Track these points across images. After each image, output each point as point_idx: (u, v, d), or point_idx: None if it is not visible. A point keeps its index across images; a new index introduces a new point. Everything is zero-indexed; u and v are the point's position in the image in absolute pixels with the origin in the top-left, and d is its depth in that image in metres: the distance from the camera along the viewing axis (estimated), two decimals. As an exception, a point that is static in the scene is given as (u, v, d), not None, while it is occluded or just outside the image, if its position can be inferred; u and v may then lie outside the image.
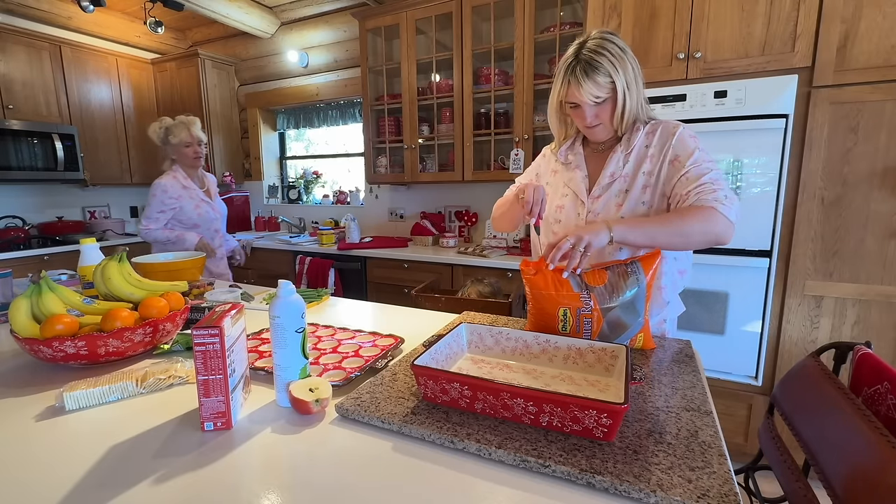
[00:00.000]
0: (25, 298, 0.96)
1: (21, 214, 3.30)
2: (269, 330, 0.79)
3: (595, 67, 0.99)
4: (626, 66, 1.01)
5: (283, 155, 4.20)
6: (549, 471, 0.59)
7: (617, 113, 1.04)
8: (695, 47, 1.78)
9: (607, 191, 1.11)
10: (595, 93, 1.01)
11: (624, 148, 1.10)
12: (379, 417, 0.71)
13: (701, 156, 1.04)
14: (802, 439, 0.84)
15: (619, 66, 1.00)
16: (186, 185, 2.22)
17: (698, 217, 0.95)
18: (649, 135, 1.10)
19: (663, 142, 1.07)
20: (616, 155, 1.11)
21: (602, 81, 1.00)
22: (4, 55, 2.98)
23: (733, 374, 1.90)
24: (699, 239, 0.96)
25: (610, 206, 1.10)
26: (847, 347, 0.93)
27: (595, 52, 0.99)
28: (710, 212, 0.95)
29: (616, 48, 1.00)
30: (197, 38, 4.14)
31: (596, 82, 1.00)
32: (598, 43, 1.00)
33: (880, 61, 1.56)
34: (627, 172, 1.09)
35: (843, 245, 1.68)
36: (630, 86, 1.02)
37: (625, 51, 1.02)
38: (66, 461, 0.64)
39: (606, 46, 1.00)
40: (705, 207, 0.96)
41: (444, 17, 2.67)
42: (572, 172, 1.17)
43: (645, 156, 1.08)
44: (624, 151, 1.10)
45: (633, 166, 1.09)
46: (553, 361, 0.88)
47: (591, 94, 1.01)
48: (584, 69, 1.00)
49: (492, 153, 2.68)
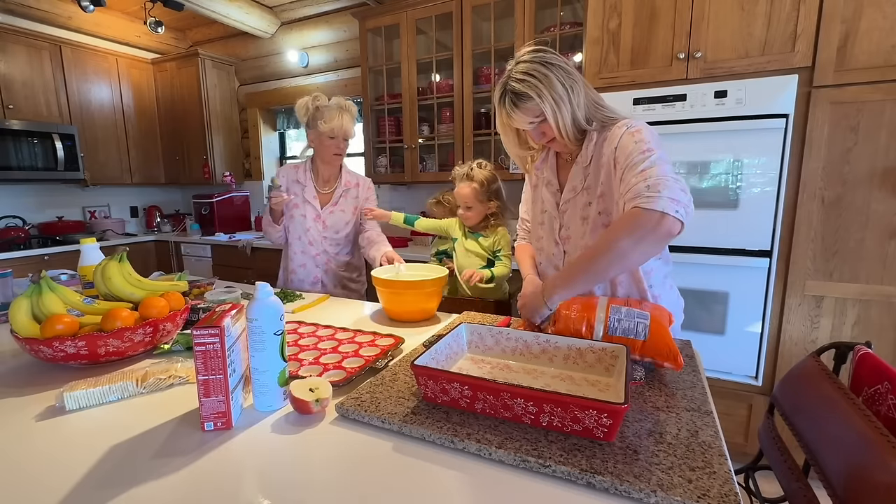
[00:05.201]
0: (26, 298, 0.96)
1: (21, 214, 3.30)
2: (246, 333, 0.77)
3: (520, 96, 0.99)
4: (552, 85, 0.97)
5: (283, 155, 4.20)
6: (550, 471, 0.59)
7: (555, 130, 1.02)
8: (695, 47, 1.77)
9: (572, 205, 1.11)
10: (527, 119, 1.02)
11: (582, 160, 1.07)
12: (379, 417, 0.71)
13: (635, 148, 0.93)
14: (802, 439, 0.84)
15: (545, 89, 0.97)
16: (300, 178, 1.81)
17: (619, 230, 0.87)
18: (607, 142, 1.03)
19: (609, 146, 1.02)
20: (575, 168, 1.09)
21: (530, 106, 0.99)
22: (4, 55, 2.98)
23: (733, 374, 1.89)
24: (640, 249, 0.87)
25: (576, 219, 1.11)
26: (847, 347, 0.93)
27: (519, 80, 0.98)
28: (631, 217, 0.86)
29: (540, 70, 0.97)
30: (197, 38, 4.14)
31: (525, 109, 1.00)
32: (523, 69, 0.99)
33: (880, 61, 1.56)
34: (590, 185, 1.07)
35: (844, 245, 1.68)
36: (560, 103, 0.98)
37: (549, 66, 0.97)
38: (66, 461, 0.64)
39: (530, 71, 0.98)
40: (625, 214, 0.88)
41: (444, 16, 2.66)
42: (545, 187, 1.18)
43: (605, 166, 1.03)
44: (582, 164, 1.08)
45: (593, 178, 1.07)
46: (553, 361, 0.88)
47: (525, 121, 1.03)
48: (512, 100, 1.00)
49: (492, 153, 2.68)
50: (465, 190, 1.74)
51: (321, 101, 1.72)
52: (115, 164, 3.67)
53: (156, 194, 4.29)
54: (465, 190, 1.74)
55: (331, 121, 1.68)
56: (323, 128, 1.68)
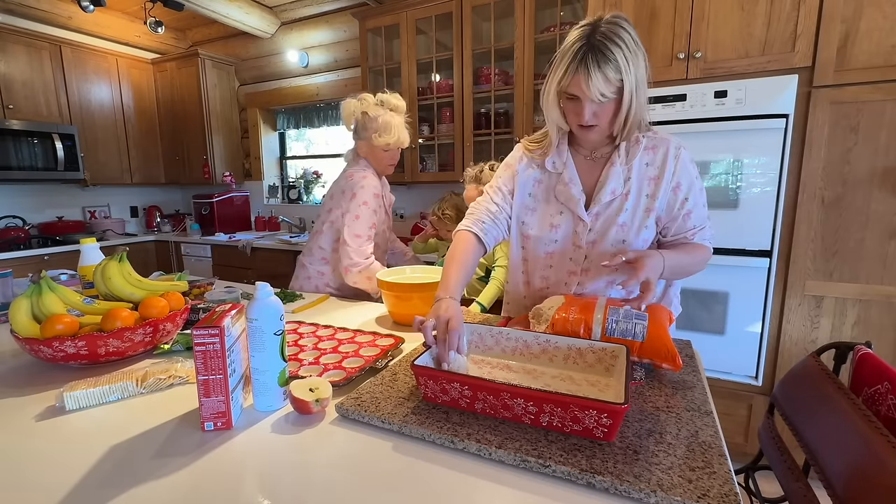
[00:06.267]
0: (26, 298, 0.96)
1: (21, 214, 3.30)
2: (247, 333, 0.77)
3: (608, 59, 0.83)
4: (639, 63, 0.87)
5: (283, 155, 4.20)
6: (550, 471, 0.59)
7: (620, 117, 0.91)
8: (695, 47, 1.77)
9: (607, 209, 1.02)
10: (603, 89, 0.86)
11: (623, 161, 1.00)
12: (379, 417, 0.71)
13: (698, 185, 1.02)
14: (802, 439, 0.84)
15: (633, 63, 0.85)
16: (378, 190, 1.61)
17: (704, 257, 1.04)
18: (649, 150, 1.00)
19: (665, 163, 0.99)
20: (615, 169, 1.00)
21: (612, 77, 0.85)
22: (4, 55, 2.98)
23: (733, 374, 1.89)
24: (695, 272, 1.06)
25: (610, 227, 1.02)
26: (847, 347, 0.93)
27: (609, 39, 0.83)
28: (707, 252, 1.05)
29: (632, 40, 0.85)
30: (197, 38, 4.14)
31: (606, 77, 0.84)
32: (612, 29, 0.84)
33: (880, 61, 1.56)
34: (629, 191, 1.01)
35: (844, 245, 1.68)
36: (639, 87, 0.89)
37: (639, 45, 0.87)
38: (67, 461, 0.64)
39: (622, 36, 0.84)
40: (704, 247, 1.05)
41: (444, 16, 2.66)
42: (564, 186, 1.04)
43: (645, 176, 1.00)
44: (624, 165, 1.00)
45: (635, 185, 1.01)
46: (553, 361, 0.88)
47: (598, 90, 0.86)
48: (597, 59, 0.83)
49: (492, 153, 2.68)
50: (472, 192, 1.73)
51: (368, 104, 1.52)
52: (115, 164, 3.67)
53: (156, 194, 4.29)
54: (473, 192, 1.72)
55: (386, 134, 1.52)
56: (377, 142, 1.53)
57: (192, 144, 3.84)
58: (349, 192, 1.52)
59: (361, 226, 1.50)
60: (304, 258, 1.68)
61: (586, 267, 1.06)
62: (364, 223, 1.51)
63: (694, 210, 1.02)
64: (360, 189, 1.52)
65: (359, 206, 1.50)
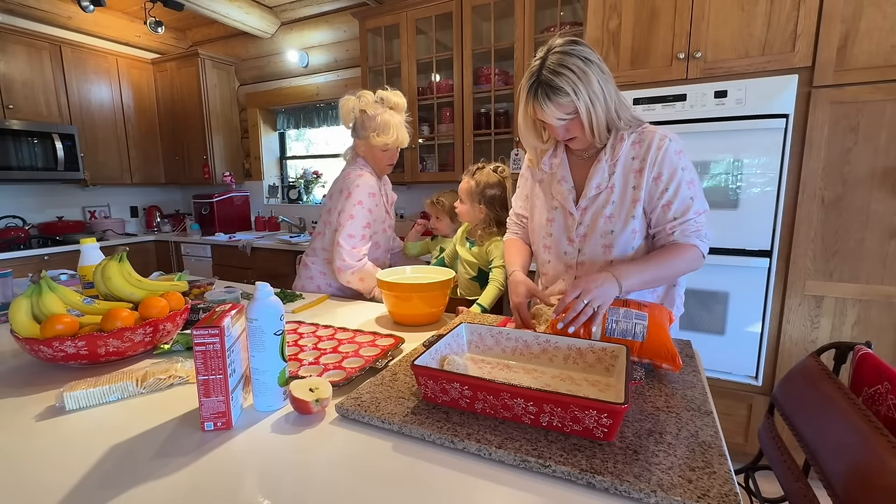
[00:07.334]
0: (26, 298, 0.96)
1: (21, 214, 3.30)
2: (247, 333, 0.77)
3: (555, 89, 0.94)
4: (589, 81, 0.95)
5: (283, 155, 4.20)
6: (550, 471, 0.59)
7: (586, 129, 1.01)
8: (695, 47, 1.77)
9: (594, 202, 1.09)
10: (558, 115, 0.98)
11: (609, 157, 1.06)
12: (379, 417, 0.71)
13: (683, 176, 1.02)
14: (802, 439, 0.84)
15: (582, 85, 0.95)
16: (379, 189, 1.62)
17: (685, 257, 1.02)
18: (636, 145, 1.06)
19: (647, 154, 1.04)
20: (601, 165, 1.07)
21: (564, 102, 0.96)
22: (4, 55, 2.98)
23: (733, 374, 1.89)
24: (680, 275, 1.07)
25: (598, 219, 1.09)
26: (847, 347, 0.93)
27: (555, 72, 0.94)
28: (694, 252, 1.03)
29: (578, 64, 0.94)
30: (197, 38, 4.14)
31: (558, 104, 0.96)
32: (558, 59, 0.94)
33: (880, 61, 1.55)
34: (614, 184, 1.07)
35: (844, 245, 1.68)
36: (595, 100, 0.97)
37: (588, 62, 0.95)
38: (67, 461, 0.64)
39: (567, 63, 0.94)
40: (689, 247, 1.03)
41: (444, 16, 2.66)
42: (558, 184, 1.14)
43: (631, 169, 1.06)
44: (609, 161, 1.06)
45: (620, 178, 1.07)
46: (553, 361, 0.88)
47: (554, 117, 0.98)
48: (546, 91, 0.95)
49: (492, 153, 2.68)
50: (462, 184, 1.72)
51: (367, 102, 1.50)
52: (115, 164, 3.67)
53: (156, 194, 4.29)
54: (463, 184, 1.71)
55: (385, 134, 1.50)
56: (375, 141, 1.52)
57: (192, 144, 3.84)
58: (345, 191, 1.53)
59: (356, 226, 1.51)
60: (308, 258, 1.70)
61: (581, 261, 1.14)
62: (359, 223, 1.51)
63: (675, 201, 1.03)
64: (355, 188, 1.52)
65: (353, 206, 1.51)
